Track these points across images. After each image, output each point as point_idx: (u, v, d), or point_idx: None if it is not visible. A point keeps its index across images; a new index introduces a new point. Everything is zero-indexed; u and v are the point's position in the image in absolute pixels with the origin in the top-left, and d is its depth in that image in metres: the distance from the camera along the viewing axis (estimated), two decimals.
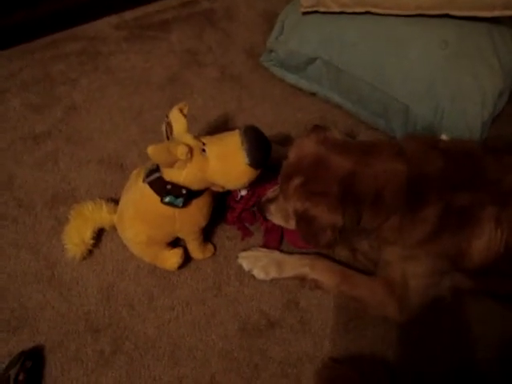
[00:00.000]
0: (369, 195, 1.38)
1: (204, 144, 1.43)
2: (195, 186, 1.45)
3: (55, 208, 1.83)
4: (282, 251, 1.74)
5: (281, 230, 1.74)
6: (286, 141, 2.00)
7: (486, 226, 1.41)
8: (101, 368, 1.54)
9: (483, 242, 1.43)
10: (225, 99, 2.15)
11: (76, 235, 1.63)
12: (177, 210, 1.47)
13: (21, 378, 1.43)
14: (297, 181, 1.42)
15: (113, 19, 2.39)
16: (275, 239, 1.75)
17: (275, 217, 1.63)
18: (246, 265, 1.71)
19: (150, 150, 1.30)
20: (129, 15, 2.41)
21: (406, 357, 1.62)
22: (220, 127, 2.03)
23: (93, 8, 2.34)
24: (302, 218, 1.44)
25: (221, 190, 1.52)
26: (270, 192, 1.64)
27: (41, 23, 2.27)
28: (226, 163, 1.42)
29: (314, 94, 2.17)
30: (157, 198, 1.45)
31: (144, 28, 2.37)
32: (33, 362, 1.50)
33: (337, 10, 2.01)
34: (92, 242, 1.66)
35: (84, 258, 1.69)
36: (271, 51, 2.17)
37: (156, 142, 1.36)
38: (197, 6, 2.48)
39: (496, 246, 1.43)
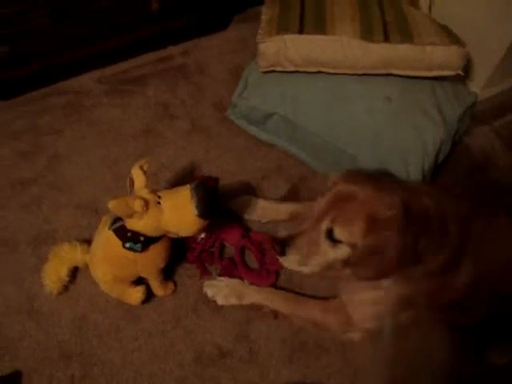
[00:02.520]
0: (422, 221, 1.44)
1: (159, 197, 1.58)
2: (152, 234, 1.60)
3: (38, 247, 1.94)
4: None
5: (235, 269, 1.91)
6: (245, 187, 2.18)
7: (465, 268, 1.52)
8: None
9: (459, 283, 1.54)
10: (193, 149, 2.31)
11: (54, 273, 1.78)
12: (137, 254, 1.62)
13: None
14: (361, 224, 1.43)
15: (95, 74, 2.52)
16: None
17: (298, 252, 1.56)
18: (210, 292, 1.84)
19: (111, 204, 1.44)
20: (109, 71, 2.54)
21: None
22: (187, 175, 2.18)
23: (76, 64, 2.46)
24: (373, 251, 1.44)
25: (175, 236, 1.66)
26: (284, 231, 1.64)
27: (31, 79, 2.39)
28: (178, 214, 1.56)
29: (273, 145, 2.33)
30: (120, 244, 1.60)
31: (123, 82, 2.51)
32: None
33: (292, 69, 2.20)
34: (67, 279, 1.81)
35: (60, 293, 1.82)
36: (235, 106, 2.32)
37: (126, 190, 1.55)
38: (172, 61, 2.63)
39: (468, 286, 1.54)
